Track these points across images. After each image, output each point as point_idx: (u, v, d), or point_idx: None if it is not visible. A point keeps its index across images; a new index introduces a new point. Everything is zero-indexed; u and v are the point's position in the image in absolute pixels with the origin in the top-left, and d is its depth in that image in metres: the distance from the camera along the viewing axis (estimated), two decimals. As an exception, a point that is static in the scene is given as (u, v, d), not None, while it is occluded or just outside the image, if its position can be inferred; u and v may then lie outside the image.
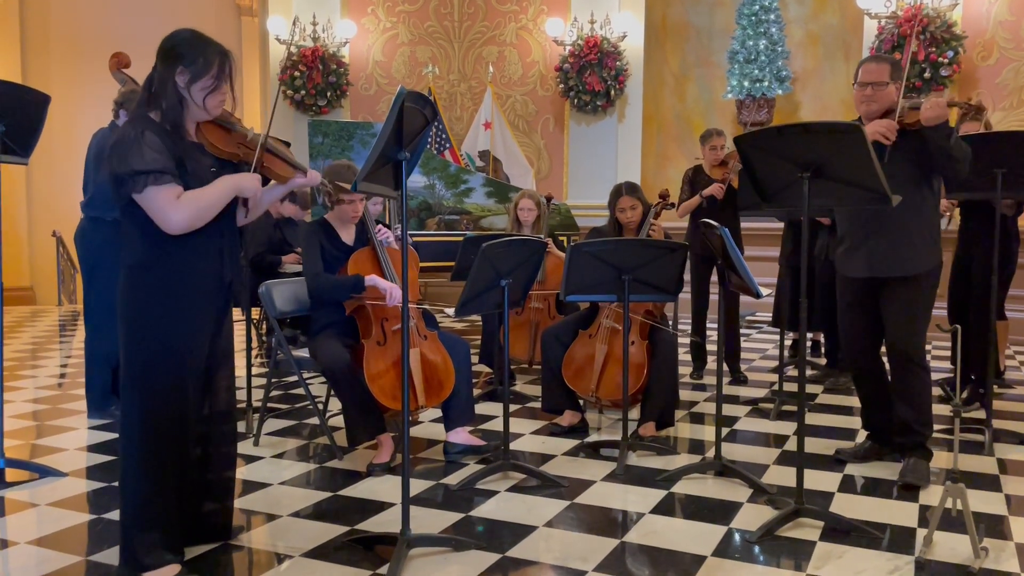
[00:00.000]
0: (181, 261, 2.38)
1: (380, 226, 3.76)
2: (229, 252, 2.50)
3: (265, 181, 2.57)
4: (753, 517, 2.93)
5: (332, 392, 3.91)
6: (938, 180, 3.35)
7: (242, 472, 3.44)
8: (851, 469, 3.48)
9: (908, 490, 3.21)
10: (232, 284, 2.52)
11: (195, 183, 2.37)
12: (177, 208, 2.31)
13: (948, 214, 4.70)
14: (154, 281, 2.36)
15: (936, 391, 4.40)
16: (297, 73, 8.88)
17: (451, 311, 3.30)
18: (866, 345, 3.47)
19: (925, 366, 3.32)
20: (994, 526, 2.87)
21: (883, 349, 3.45)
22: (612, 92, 8.69)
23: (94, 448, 3.78)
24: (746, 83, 8.51)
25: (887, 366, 3.46)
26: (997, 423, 4.03)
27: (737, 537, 2.77)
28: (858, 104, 3.36)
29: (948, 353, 5.12)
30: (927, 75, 7.32)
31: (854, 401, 4.72)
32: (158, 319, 2.36)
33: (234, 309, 5.40)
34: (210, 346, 2.48)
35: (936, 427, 3.55)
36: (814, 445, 3.77)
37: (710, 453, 3.64)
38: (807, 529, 2.80)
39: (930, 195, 3.31)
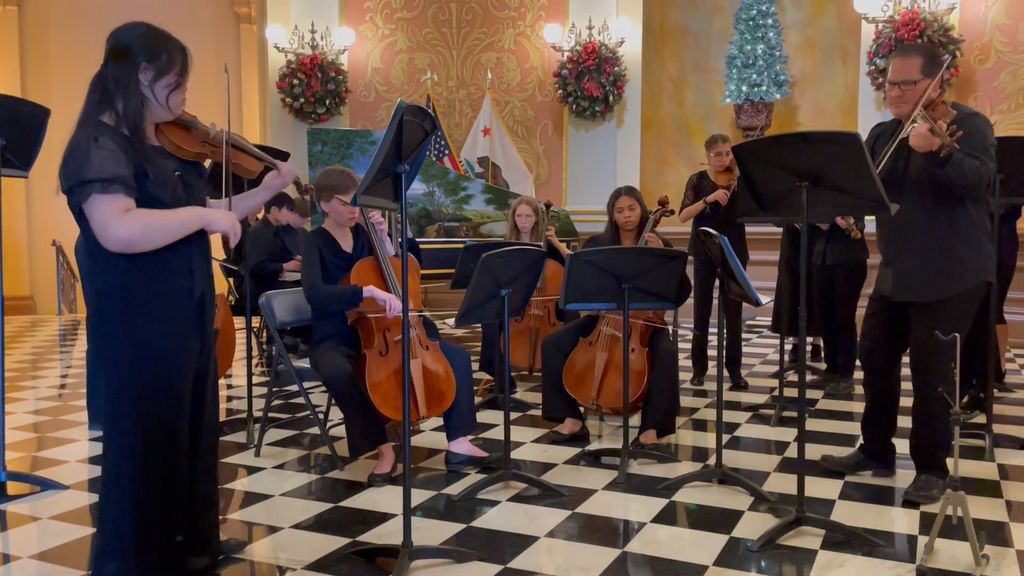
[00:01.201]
0: (151, 279, 2.23)
1: (374, 213, 3.71)
2: (200, 267, 2.38)
3: (237, 183, 2.51)
4: (755, 525, 2.94)
5: (333, 402, 3.92)
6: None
7: (243, 483, 3.45)
8: (851, 476, 3.48)
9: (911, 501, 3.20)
10: (204, 299, 2.39)
11: (160, 190, 2.23)
12: (121, 222, 2.11)
13: None
14: (127, 303, 2.22)
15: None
16: (296, 81, 8.90)
17: (452, 321, 3.30)
18: (882, 356, 3.39)
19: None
20: (995, 533, 2.88)
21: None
22: (610, 97, 8.70)
23: (96, 460, 3.78)
24: (744, 88, 8.53)
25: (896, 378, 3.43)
26: (997, 427, 4.03)
27: (739, 546, 2.78)
28: (888, 104, 3.22)
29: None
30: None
31: (854, 406, 4.73)
32: (135, 342, 2.23)
33: (236, 318, 5.47)
34: (196, 360, 2.39)
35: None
36: (815, 452, 3.76)
37: (711, 460, 3.65)
38: (808, 537, 2.81)
39: (964, 212, 3.12)
